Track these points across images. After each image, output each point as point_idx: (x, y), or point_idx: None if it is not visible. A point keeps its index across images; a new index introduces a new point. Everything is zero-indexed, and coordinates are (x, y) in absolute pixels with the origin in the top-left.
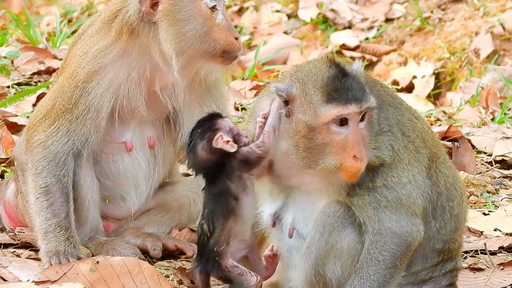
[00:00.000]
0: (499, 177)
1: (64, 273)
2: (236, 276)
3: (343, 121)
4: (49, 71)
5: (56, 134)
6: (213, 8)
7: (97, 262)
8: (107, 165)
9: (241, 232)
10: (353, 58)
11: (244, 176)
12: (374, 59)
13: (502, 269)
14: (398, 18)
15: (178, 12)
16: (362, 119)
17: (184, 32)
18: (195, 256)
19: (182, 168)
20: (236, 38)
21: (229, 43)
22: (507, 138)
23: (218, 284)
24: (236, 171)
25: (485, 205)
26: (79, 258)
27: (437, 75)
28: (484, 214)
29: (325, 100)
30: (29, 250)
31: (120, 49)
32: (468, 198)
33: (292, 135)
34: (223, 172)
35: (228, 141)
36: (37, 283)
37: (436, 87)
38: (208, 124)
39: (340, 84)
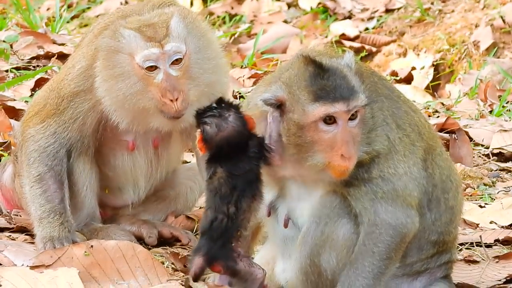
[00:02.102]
0: (496, 170)
1: (59, 258)
2: (245, 267)
3: (331, 120)
4: (48, 56)
5: (43, 132)
6: (151, 68)
7: (91, 246)
8: (107, 158)
9: (258, 215)
10: (352, 48)
11: None
12: (374, 49)
13: (497, 261)
14: (398, 9)
15: (112, 68)
16: (353, 118)
17: (117, 89)
18: (199, 241)
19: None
20: (173, 100)
21: (163, 104)
22: (505, 131)
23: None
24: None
25: (482, 198)
26: (74, 243)
27: (436, 67)
28: (480, 206)
29: (312, 99)
30: (25, 234)
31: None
32: (465, 190)
33: (283, 133)
34: (246, 152)
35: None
36: (31, 267)
37: (435, 78)
38: (229, 101)
39: (324, 81)
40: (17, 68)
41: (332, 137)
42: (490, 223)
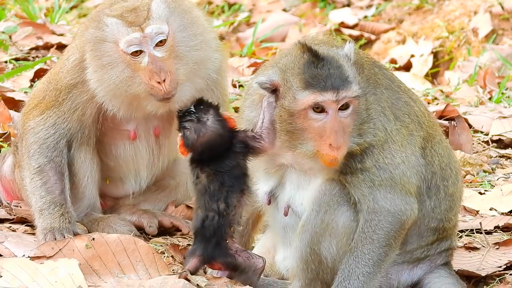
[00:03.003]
0: (496, 157)
1: (60, 249)
2: (244, 261)
3: (319, 109)
4: (47, 47)
5: (43, 124)
6: (137, 52)
7: (93, 238)
8: (108, 147)
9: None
10: (351, 36)
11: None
12: (373, 37)
13: (497, 248)
14: None
15: (100, 58)
16: (345, 108)
17: (107, 78)
18: (193, 243)
19: None
20: (161, 82)
21: (152, 87)
22: (504, 117)
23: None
24: (238, 151)
25: (481, 185)
26: (75, 234)
27: (435, 54)
28: (480, 193)
29: (303, 87)
30: (25, 225)
31: None
32: (464, 177)
33: (276, 119)
34: (229, 149)
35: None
36: (32, 258)
37: (434, 66)
38: (208, 101)
39: (317, 70)
40: (16, 59)
41: (321, 125)
42: (490, 209)
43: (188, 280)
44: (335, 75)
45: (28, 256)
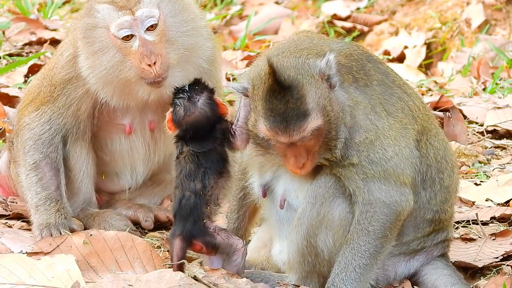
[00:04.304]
0: (491, 147)
1: (57, 246)
2: (224, 240)
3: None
4: (41, 42)
5: (39, 120)
6: (128, 37)
7: (90, 235)
8: (104, 142)
9: (228, 193)
10: (344, 28)
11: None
12: (365, 29)
13: (494, 239)
14: None
15: (91, 45)
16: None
17: (99, 64)
18: (173, 224)
19: None
20: (151, 65)
21: (142, 70)
22: (499, 108)
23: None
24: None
25: (477, 175)
26: (71, 229)
27: (428, 45)
28: (476, 184)
29: (263, 116)
30: (21, 221)
31: None
32: (460, 168)
33: (249, 121)
34: (211, 133)
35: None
36: (29, 254)
37: (427, 57)
38: (205, 83)
39: (276, 102)
40: (10, 55)
41: (283, 149)
42: (486, 200)
43: (182, 271)
44: (292, 112)
45: (26, 252)
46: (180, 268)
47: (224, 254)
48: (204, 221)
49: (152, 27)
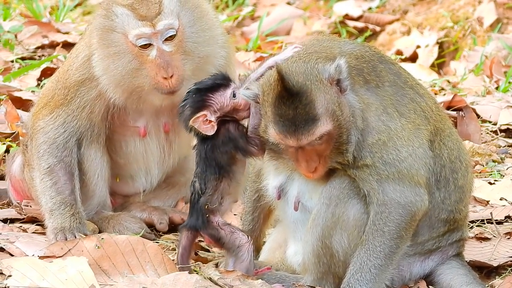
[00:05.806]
0: (504, 146)
1: (69, 250)
2: (227, 234)
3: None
4: (53, 45)
5: (53, 123)
6: (146, 45)
7: (102, 239)
8: (119, 145)
9: (234, 193)
10: (356, 28)
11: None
12: (378, 29)
13: (508, 238)
14: None
15: (107, 47)
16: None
17: (114, 67)
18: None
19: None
20: (166, 78)
21: (157, 81)
22: None
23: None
24: (223, 146)
25: (491, 175)
26: (85, 234)
27: (440, 44)
28: (490, 183)
29: (272, 121)
30: (36, 225)
31: None
32: (474, 167)
33: (260, 127)
34: (211, 139)
35: (210, 122)
36: (41, 257)
37: (439, 56)
38: (204, 95)
39: (284, 108)
40: (23, 58)
41: (294, 153)
42: (500, 199)
43: (196, 272)
44: (300, 117)
45: (38, 256)
46: (183, 258)
47: (232, 253)
48: (207, 215)
49: (170, 37)
